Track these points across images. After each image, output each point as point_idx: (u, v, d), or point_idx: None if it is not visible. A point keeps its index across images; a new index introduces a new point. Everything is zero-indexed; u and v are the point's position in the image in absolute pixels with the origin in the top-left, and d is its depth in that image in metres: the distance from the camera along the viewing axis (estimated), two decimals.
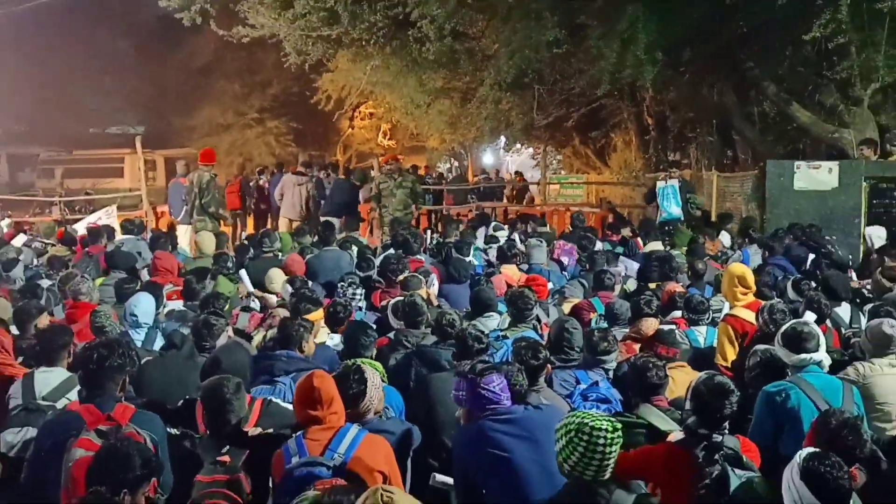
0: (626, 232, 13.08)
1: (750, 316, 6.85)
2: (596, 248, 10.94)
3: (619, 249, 11.68)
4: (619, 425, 3.79)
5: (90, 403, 4.78)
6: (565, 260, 10.92)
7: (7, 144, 30.20)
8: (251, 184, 19.78)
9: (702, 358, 6.66)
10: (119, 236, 11.91)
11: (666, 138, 20.53)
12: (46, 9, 23.77)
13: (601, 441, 3.70)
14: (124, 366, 4.97)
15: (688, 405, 4.61)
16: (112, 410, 4.70)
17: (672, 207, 13.40)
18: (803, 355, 5.26)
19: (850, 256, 10.91)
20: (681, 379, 5.69)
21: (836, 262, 9.58)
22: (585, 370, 5.96)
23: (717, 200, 15.18)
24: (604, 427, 3.74)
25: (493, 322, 7.13)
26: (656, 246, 11.12)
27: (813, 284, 7.90)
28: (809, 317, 6.33)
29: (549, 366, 5.48)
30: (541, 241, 10.70)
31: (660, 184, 13.84)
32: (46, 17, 24.11)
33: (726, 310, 7.44)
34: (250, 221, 19.49)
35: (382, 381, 5.12)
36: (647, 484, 4.08)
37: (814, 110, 13.93)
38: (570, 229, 13.86)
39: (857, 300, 7.96)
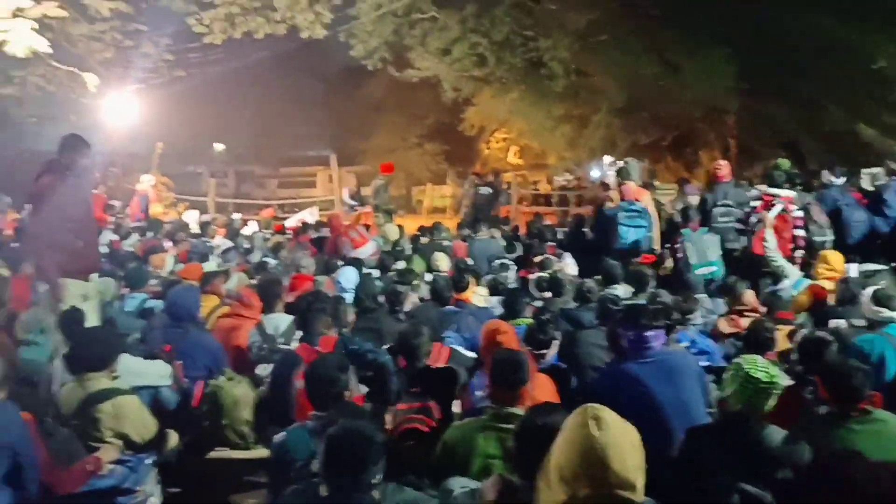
0: None
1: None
2: None
3: None
4: (776, 375, 3.50)
5: (304, 343, 4.88)
6: None
7: (234, 163, 31.48)
8: None
9: None
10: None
11: (746, 155, 19.68)
12: (260, 63, 24.59)
13: (762, 386, 3.43)
14: (325, 309, 5.06)
15: (794, 356, 4.37)
16: (318, 345, 4.78)
17: None
18: (886, 312, 4.96)
19: None
20: (780, 336, 5.38)
21: None
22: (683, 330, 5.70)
23: None
24: (759, 374, 3.45)
25: (619, 290, 6.93)
26: None
27: None
28: None
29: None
30: None
31: None
32: (260, 68, 24.90)
33: None
34: None
35: None
36: None
37: (876, 127, 13.10)
38: None
39: None
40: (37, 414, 3.81)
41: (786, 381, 4.23)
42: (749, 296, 6.39)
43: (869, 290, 5.25)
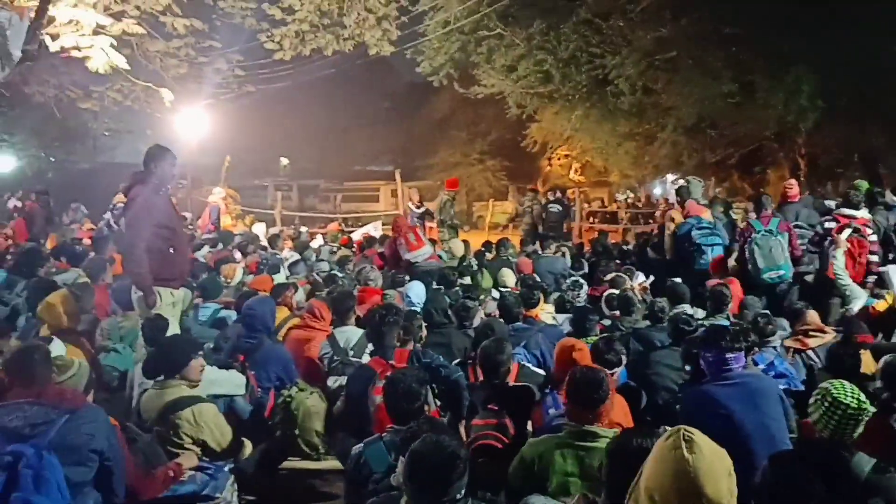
0: None
1: None
2: None
3: None
4: (866, 402, 3.43)
5: (378, 356, 4.90)
6: None
7: (298, 178, 32.02)
8: None
9: None
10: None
11: (816, 174, 19.20)
12: (326, 80, 25.04)
13: (841, 408, 3.37)
14: (398, 322, 5.07)
15: (879, 383, 4.21)
16: (392, 358, 4.79)
17: None
18: None
19: None
20: (866, 359, 5.21)
21: None
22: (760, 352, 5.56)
23: None
24: (847, 401, 3.39)
25: (686, 309, 6.79)
26: None
27: None
28: None
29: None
30: None
31: None
32: (326, 84, 25.35)
33: None
34: None
35: None
36: None
37: None
38: None
39: None
40: (119, 419, 3.91)
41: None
42: (813, 315, 6.20)
43: None
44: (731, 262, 8.15)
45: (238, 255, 10.15)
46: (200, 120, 17.68)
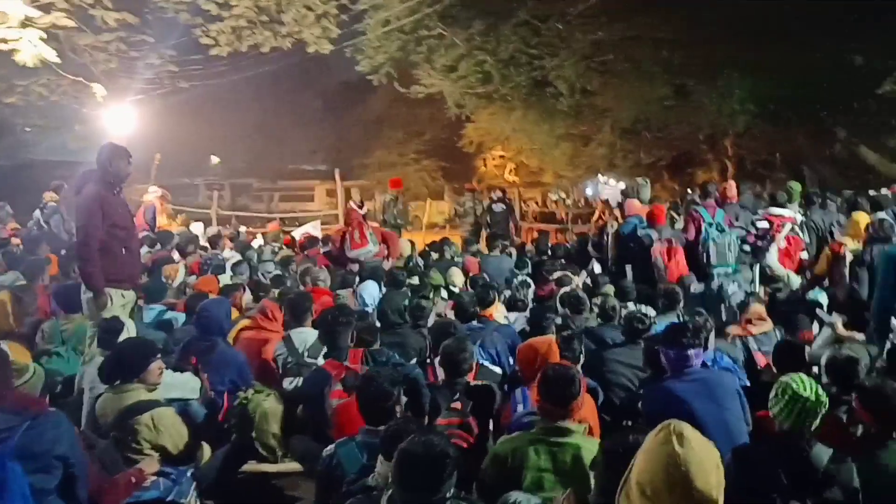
0: None
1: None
2: None
3: None
4: (823, 395, 3.55)
5: (331, 358, 4.89)
6: None
7: (230, 177, 31.47)
8: None
9: None
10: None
11: (743, 175, 19.85)
12: (260, 77, 24.66)
13: (810, 406, 3.49)
14: (351, 323, 5.06)
15: (825, 378, 4.39)
16: (347, 359, 4.78)
17: None
18: None
19: None
20: None
21: None
22: None
23: None
24: (805, 394, 3.51)
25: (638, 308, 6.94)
26: None
27: None
28: None
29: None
30: None
31: None
32: (260, 83, 24.96)
33: None
34: None
35: None
36: None
37: (879, 151, 13.26)
38: None
39: None
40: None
41: None
42: (757, 307, 6.47)
43: None
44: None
45: (176, 255, 9.89)
46: (129, 116, 17.17)
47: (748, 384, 5.24)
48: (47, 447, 3.15)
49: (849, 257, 7.17)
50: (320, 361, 5.49)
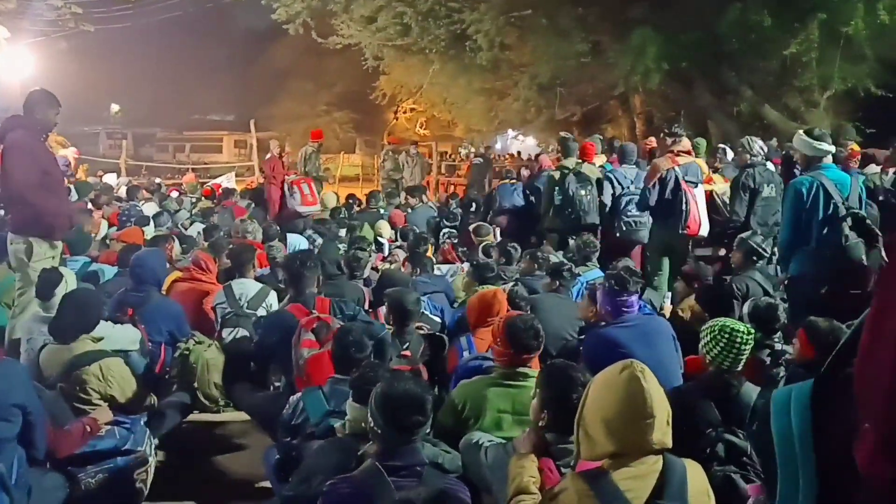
0: None
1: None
2: None
3: None
4: (752, 329, 3.80)
5: (297, 303, 4.88)
6: None
7: (132, 126, 30.25)
8: None
9: None
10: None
11: (650, 132, 20.41)
12: (163, 23, 23.77)
13: (738, 339, 3.72)
14: (317, 268, 5.10)
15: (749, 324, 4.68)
16: (314, 306, 4.81)
17: None
18: (822, 145, 5.38)
19: None
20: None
21: None
22: None
23: None
24: (741, 329, 3.76)
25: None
26: None
27: None
28: None
29: None
30: None
31: None
32: (163, 29, 24.07)
33: None
34: None
35: None
36: None
37: (781, 110, 13.91)
38: None
39: None
40: None
41: None
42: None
43: None
44: None
45: (90, 206, 9.57)
46: (25, 60, 16.29)
47: None
48: (3, 396, 3.11)
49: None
50: (261, 312, 5.53)
